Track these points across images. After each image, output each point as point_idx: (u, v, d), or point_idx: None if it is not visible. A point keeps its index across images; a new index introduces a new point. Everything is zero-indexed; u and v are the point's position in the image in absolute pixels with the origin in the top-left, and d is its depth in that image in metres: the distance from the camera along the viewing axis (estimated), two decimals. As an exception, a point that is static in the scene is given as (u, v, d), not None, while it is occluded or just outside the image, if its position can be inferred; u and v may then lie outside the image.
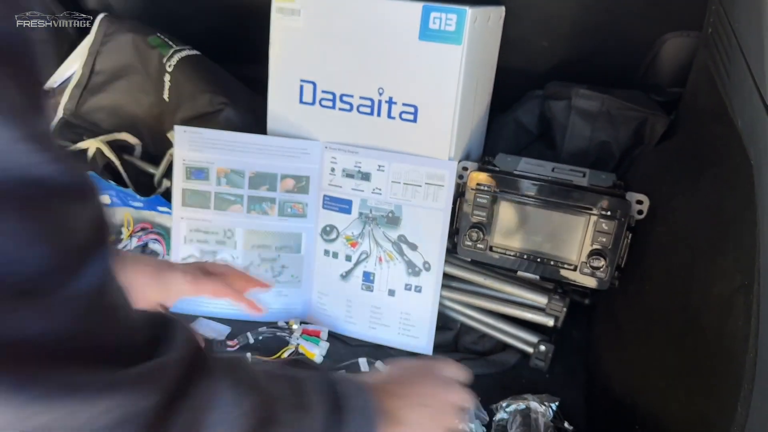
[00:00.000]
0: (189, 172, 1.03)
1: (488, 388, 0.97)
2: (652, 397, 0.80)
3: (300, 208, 1.05)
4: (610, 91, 1.08)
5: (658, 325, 0.83)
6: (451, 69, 0.92)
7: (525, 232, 0.96)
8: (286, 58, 1.02)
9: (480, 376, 0.99)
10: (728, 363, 0.63)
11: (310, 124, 1.03)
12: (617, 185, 0.95)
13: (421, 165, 0.98)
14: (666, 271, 0.85)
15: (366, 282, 1.04)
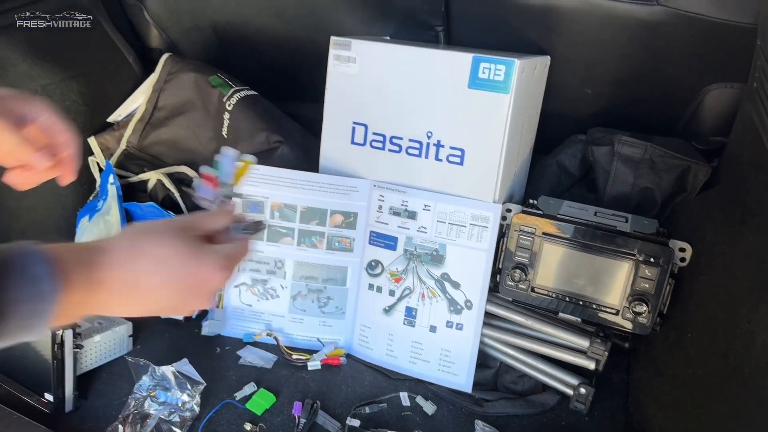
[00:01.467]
0: (246, 206, 1.09)
1: (527, 428, 0.98)
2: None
3: (347, 242, 1.10)
4: (653, 138, 1.10)
5: (700, 373, 0.84)
6: (499, 116, 0.96)
7: (567, 274, 0.98)
8: (340, 101, 1.07)
9: (519, 416, 1.00)
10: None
11: (360, 164, 1.08)
12: (660, 232, 0.97)
13: (467, 206, 1.01)
14: (708, 319, 0.86)
15: (408, 317, 1.07)
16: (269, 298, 1.12)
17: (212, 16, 1.30)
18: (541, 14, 1.04)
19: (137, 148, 1.25)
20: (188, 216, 0.62)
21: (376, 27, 1.20)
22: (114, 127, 1.30)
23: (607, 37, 1.04)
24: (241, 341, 1.11)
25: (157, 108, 1.26)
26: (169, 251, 0.56)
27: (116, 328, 1.04)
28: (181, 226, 0.59)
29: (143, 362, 0.96)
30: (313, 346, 1.11)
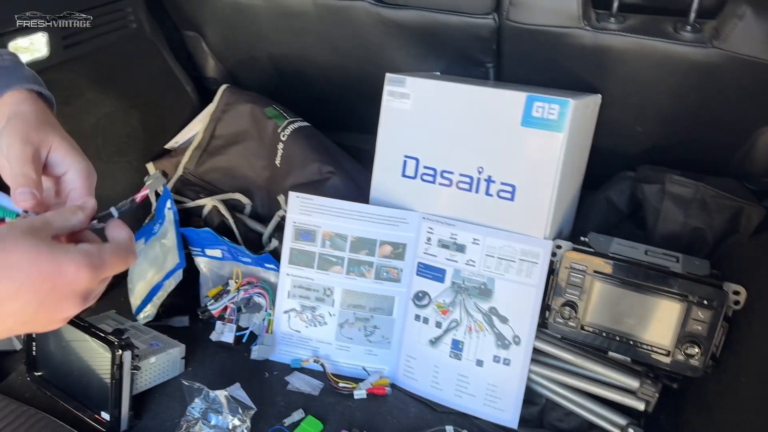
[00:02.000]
0: (298, 234, 1.12)
1: (574, 467, 0.97)
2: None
3: (395, 273, 1.12)
4: (704, 178, 1.10)
5: (753, 418, 0.83)
6: (552, 154, 0.98)
7: (617, 313, 0.98)
8: (392, 135, 1.10)
9: (565, 454, 1.00)
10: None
11: (411, 196, 1.10)
12: (714, 274, 0.96)
13: (516, 241, 1.02)
14: (763, 364, 0.85)
15: (454, 350, 1.08)
16: (317, 325, 1.14)
17: (268, 49, 1.35)
18: (593, 54, 1.06)
19: (194, 175, 1.30)
20: (36, 216, 0.54)
21: (428, 63, 1.23)
22: (171, 154, 1.35)
23: (660, 78, 1.05)
24: (289, 367, 1.13)
25: (214, 136, 1.30)
26: (15, 256, 0.49)
27: (170, 350, 1.08)
28: (27, 228, 0.51)
29: (197, 385, 0.99)
30: (359, 374, 1.13)
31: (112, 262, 0.54)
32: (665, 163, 1.17)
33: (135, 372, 1.00)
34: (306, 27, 1.24)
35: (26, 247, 0.49)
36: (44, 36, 1.14)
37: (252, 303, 1.18)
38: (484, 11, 1.08)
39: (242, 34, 1.35)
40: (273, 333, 1.14)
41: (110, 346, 0.96)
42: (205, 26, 1.39)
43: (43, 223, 0.53)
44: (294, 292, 1.13)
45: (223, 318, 1.15)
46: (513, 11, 1.06)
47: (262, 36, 1.32)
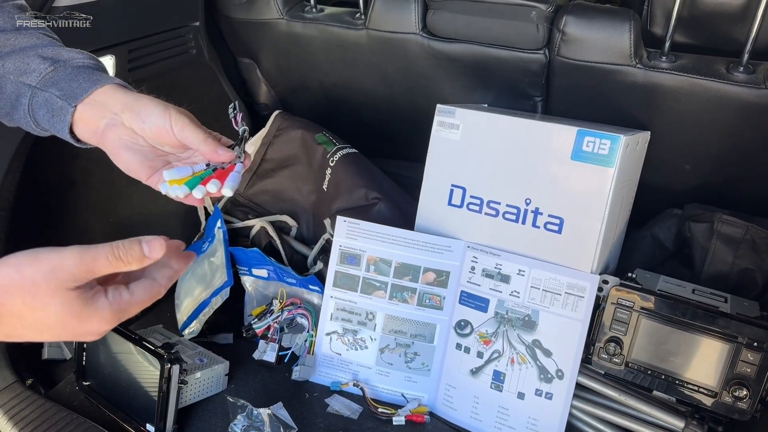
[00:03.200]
0: (343, 257, 1.14)
1: (616, 507, 0.96)
2: None
3: (438, 300, 1.12)
4: (754, 219, 1.09)
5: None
6: (601, 188, 0.98)
7: (664, 351, 0.97)
8: (440, 164, 1.12)
9: (607, 493, 0.98)
10: None
11: (456, 225, 1.12)
12: (764, 316, 0.94)
13: (563, 274, 1.03)
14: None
15: (496, 381, 1.08)
16: (358, 349, 1.15)
17: (320, 78, 1.39)
18: (643, 91, 1.07)
19: (243, 196, 1.34)
20: (80, 262, 0.52)
21: (476, 94, 1.26)
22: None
23: (710, 117, 1.06)
24: (329, 389, 1.14)
25: (265, 160, 1.34)
26: (42, 314, 0.51)
27: (216, 366, 1.10)
28: (63, 283, 0.51)
29: (242, 402, 1.01)
30: (397, 400, 1.13)
31: (139, 305, 0.56)
32: (712, 201, 1.17)
33: (182, 386, 1.02)
34: (358, 57, 1.28)
35: (56, 307, 0.51)
36: (111, 59, 1.21)
37: (295, 324, 1.20)
38: (535, 47, 1.11)
39: (295, 63, 1.40)
40: (314, 354, 1.16)
41: (159, 359, 0.99)
42: (260, 54, 1.44)
43: (86, 270, 0.52)
44: (337, 314, 1.15)
45: (266, 337, 1.18)
46: (564, 47, 1.08)
47: (314, 65, 1.37)
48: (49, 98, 0.68)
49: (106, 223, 1.30)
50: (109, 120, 0.66)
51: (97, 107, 0.67)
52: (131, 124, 0.66)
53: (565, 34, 1.07)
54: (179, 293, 1.28)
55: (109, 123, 0.66)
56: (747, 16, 1.00)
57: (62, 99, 0.67)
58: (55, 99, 0.67)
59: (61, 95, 0.67)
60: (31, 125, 0.71)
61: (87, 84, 0.68)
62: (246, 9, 1.34)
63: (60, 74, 0.69)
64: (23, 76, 0.69)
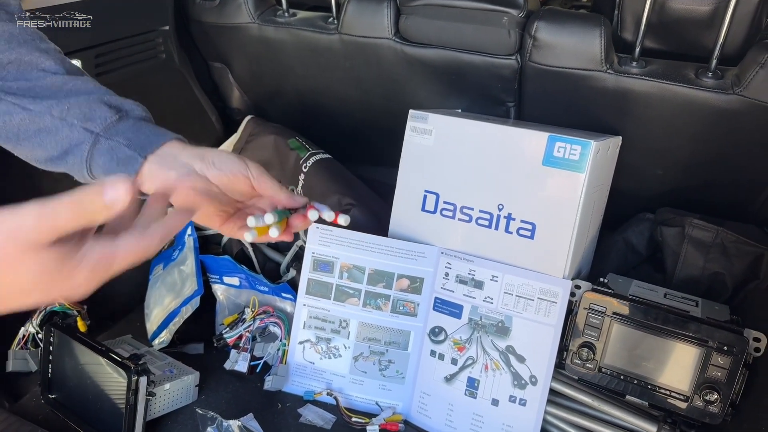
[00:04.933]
0: (316, 264, 1.12)
1: None
2: None
3: (412, 307, 1.11)
4: (725, 223, 1.10)
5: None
6: (572, 194, 0.98)
7: (636, 356, 0.97)
8: (413, 170, 1.12)
9: (581, 499, 0.98)
10: None
11: (430, 231, 1.11)
12: (734, 320, 0.95)
13: (535, 280, 1.02)
14: (787, 414, 0.84)
15: (470, 388, 1.07)
16: (332, 357, 1.14)
17: (293, 82, 1.38)
18: (614, 97, 1.07)
19: (214, 202, 1.32)
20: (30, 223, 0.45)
21: (450, 100, 1.25)
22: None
23: (680, 122, 1.06)
24: (302, 398, 1.13)
25: (236, 165, 1.32)
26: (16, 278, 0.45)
27: (185, 377, 1.08)
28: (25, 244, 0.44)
29: (211, 414, 0.99)
30: (372, 409, 1.12)
31: (124, 257, 0.48)
32: (685, 206, 1.17)
33: (150, 398, 1.00)
34: (332, 62, 1.27)
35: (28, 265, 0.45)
36: (78, 62, 1.18)
37: (267, 332, 1.18)
38: (507, 52, 1.11)
39: (268, 67, 1.39)
40: (287, 363, 1.14)
41: (126, 370, 0.97)
42: (232, 58, 1.42)
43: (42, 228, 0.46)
44: (310, 322, 1.14)
45: (237, 347, 1.16)
46: (536, 53, 1.08)
47: (287, 70, 1.35)
48: (115, 147, 0.68)
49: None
50: (180, 171, 0.67)
51: (166, 159, 0.68)
52: (205, 173, 0.67)
53: (537, 40, 1.07)
54: (149, 302, 1.25)
55: (181, 173, 0.66)
56: (715, 22, 1.01)
57: (131, 149, 0.67)
58: (123, 148, 0.67)
59: (128, 145, 0.67)
60: (84, 173, 0.69)
61: (155, 137, 0.69)
62: (217, 13, 1.33)
63: (125, 124, 0.69)
64: (87, 122, 0.68)
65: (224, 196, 0.69)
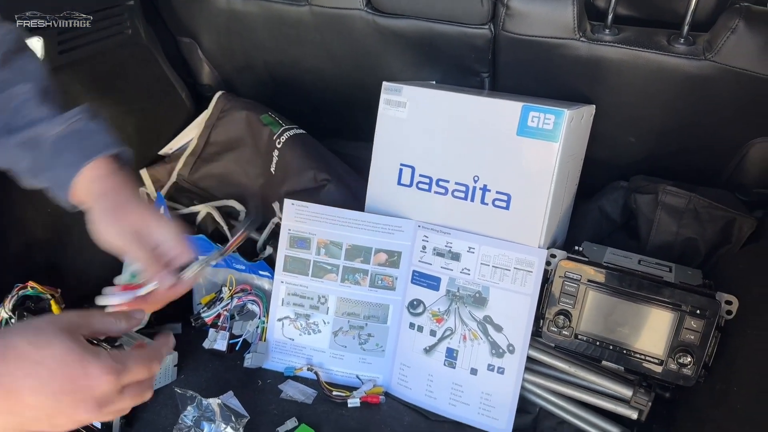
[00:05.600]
0: (293, 241, 1.11)
1: (568, 476, 0.97)
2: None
3: (390, 281, 1.11)
4: (697, 189, 1.11)
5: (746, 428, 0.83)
6: (547, 163, 0.98)
7: (611, 322, 0.98)
8: (388, 143, 1.11)
9: (559, 463, 1.00)
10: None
11: (406, 204, 1.10)
12: (707, 284, 0.97)
13: (511, 250, 1.03)
14: (756, 373, 0.86)
15: (449, 358, 1.08)
16: (311, 333, 1.13)
17: (264, 56, 1.35)
18: (587, 65, 1.07)
19: (188, 181, 1.30)
20: (78, 314, 0.56)
21: (424, 72, 1.24)
22: (165, 160, 1.34)
23: (653, 89, 1.07)
24: (282, 375, 1.13)
25: (209, 143, 1.30)
26: (46, 352, 0.51)
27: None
28: (66, 326, 0.53)
29: (190, 393, 0.98)
30: (352, 382, 1.12)
31: (136, 369, 0.57)
32: (658, 173, 1.18)
33: (127, 379, 0.99)
34: (302, 35, 1.24)
35: (59, 347, 0.52)
36: (39, 41, 1.14)
37: (245, 310, 1.18)
38: (480, 21, 1.09)
39: (238, 42, 1.36)
40: (266, 341, 1.14)
41: (102, 353, 0.95)
42: (200, 33, 1.39)
43: (84, 322, 0.57)
44: (288, 299, 1.13)
45: (216, 325, 1.15)
46: (509, 22, 1.07)
47: (257, 44, 1.32)
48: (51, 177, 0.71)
49: (44, 213, 1.24)
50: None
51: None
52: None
53: (510, 8, 1.06)
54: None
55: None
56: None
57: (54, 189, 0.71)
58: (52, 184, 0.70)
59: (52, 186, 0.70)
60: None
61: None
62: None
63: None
64: None
65: None
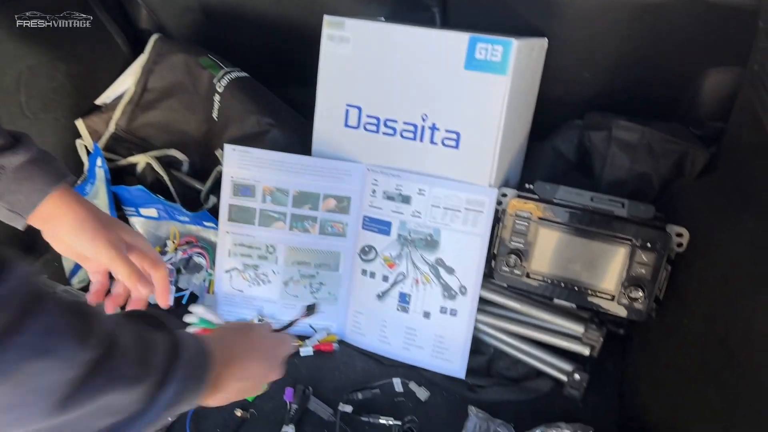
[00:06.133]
0: (236, 189, 1.07)
1: (521, 414, 0.97)
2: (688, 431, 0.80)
3: (340, 227, 1.08)
4: (650, 123, 1.08)
5: (697, 360, 0.83)
6: (496, 98, 0.94)
7: (563, 260, 0.97)
8: (333, 83, 1.05)
9: (513, 402, 0.99)
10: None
11: (354, 147, 1.06)
12: (658, 217, 0.95)
13: (461, 191, 1.00)
14: (706, 304, 0.85)
15: (402, 303, 1.06)
16: (261, 284, 1.10)
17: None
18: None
19: (126, 131, 1.23)
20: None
21: (372, 8, 1.17)
22: (102, 110, 1.27)
23: (606, 20, 1.03)
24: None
25: (147, 90, 1.23)
26: (248, 331, 0.72)
27: (104, 313, 1.02)
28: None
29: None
30: (305, 332, 1.10)
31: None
32: (613, 109, 1.15)
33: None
34: (241, -30, 1.16)
35: (254, 329, 0.74)
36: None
37: (192, 263, 1.13)
38: (425, -50, 1.03)
39: (174, -19, 1.27)
40: (215, 293, 1.10)
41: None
42: (134, -28, 1.29)
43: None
44: (235, 250, 1.09)
45: (161, 279, 1.10)
46: (456, -51, 1.01)
47: (195, -18, 1.24)
48: None
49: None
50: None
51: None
52: None
53: (456, -65, 1.00)
54: (63, 241, 1.17)
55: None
56: None
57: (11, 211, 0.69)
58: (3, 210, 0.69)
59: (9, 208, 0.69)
60: None
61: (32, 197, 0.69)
62: None
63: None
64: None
65: None
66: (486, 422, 0.92)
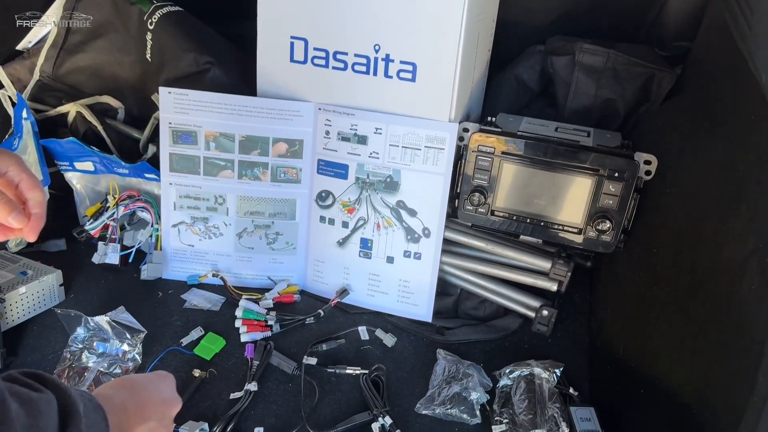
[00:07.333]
0: (176, 136, 0.98)
1: (490, 354, 0.95)
2: (657, 360, 0.79)
3: (294, 173, 1.01)
4: (615, 45, 1.03)
5: (664, 289, 0.81)
6: (452, 23, 0.87)
7: (528, 195, 0.92)
8: (275, 13, 0.96)
9: (481, 341, 0.97)
10: (739, 329, 0.60)
11: (303, 85, 0.98)
12: (624, 145, 0.91)
13: (421, 127, 0.93)
14: (674, 233, 0.83)
15: (364, 249, 1.01)
16: (212, 237, 1.04)
17: None
18: None
19: (52, 78, 1.11)
20: None
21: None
22: (24, 55, 1.15)
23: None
24: (185, 284, 1.04)
25: (71, 31, 1.10)
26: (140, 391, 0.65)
27: (43, 278, 0.95)
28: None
29: (74, 313, 0.88)
30: (265, 284, 1.05)
31: None
32: (576, 32, 1.09)
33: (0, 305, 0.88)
34: None
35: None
36: None
37: (136, 219, 1.06)
38: None
39: None
40: (163, 249, 1.04)
41: (-38, 280, 0.83)
42: None
43: None
44: (181, 203, 1.02)
45: (104, 238, 1.03)
46: None
47: None
48: None
49: None
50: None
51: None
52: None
53: None
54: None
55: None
56: None
57: None
58: None
59: None
60: None
61: None
62: None
63: None
64: None
65: None
66: (455, 364, 0.89)
